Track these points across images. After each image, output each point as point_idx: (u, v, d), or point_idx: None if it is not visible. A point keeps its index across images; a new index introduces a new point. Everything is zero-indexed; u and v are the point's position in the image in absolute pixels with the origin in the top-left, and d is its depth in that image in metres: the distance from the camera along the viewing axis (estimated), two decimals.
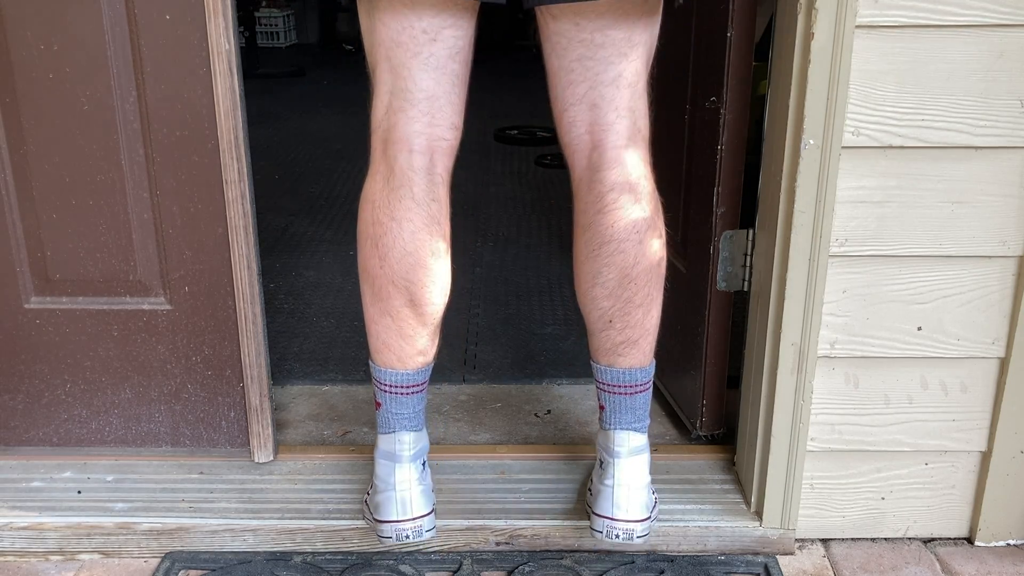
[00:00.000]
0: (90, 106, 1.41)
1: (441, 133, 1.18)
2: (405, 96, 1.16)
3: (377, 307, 1.24)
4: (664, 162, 1.69)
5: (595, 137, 1.18)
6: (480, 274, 2.58)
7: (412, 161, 1.18)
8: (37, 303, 1.52)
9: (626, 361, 1.27)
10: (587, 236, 1.21)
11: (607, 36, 1.13)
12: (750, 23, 1.40)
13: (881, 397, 1.39)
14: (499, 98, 5.21)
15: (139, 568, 1.43)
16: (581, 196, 1.22)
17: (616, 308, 1.23)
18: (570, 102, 1.18)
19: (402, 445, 1.29)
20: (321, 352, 2.09)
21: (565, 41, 1.14)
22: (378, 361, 1.28)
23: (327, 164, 3.88)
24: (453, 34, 1.14)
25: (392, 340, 1.25)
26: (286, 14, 7.63)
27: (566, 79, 1.17)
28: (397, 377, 1.27)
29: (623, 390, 1.28)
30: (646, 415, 1.31)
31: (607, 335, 1.26)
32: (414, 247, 1.19)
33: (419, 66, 1.14)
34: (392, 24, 1.13)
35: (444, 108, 1.17)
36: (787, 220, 1.30)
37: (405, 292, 1.21)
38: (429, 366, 1.30)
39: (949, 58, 1.22)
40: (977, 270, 1.32)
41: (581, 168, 1.21)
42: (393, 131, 1.18)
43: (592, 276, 1.22)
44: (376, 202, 1.20)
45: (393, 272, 1.20)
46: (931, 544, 1.47)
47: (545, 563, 1.41)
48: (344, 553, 1.44)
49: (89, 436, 1.60)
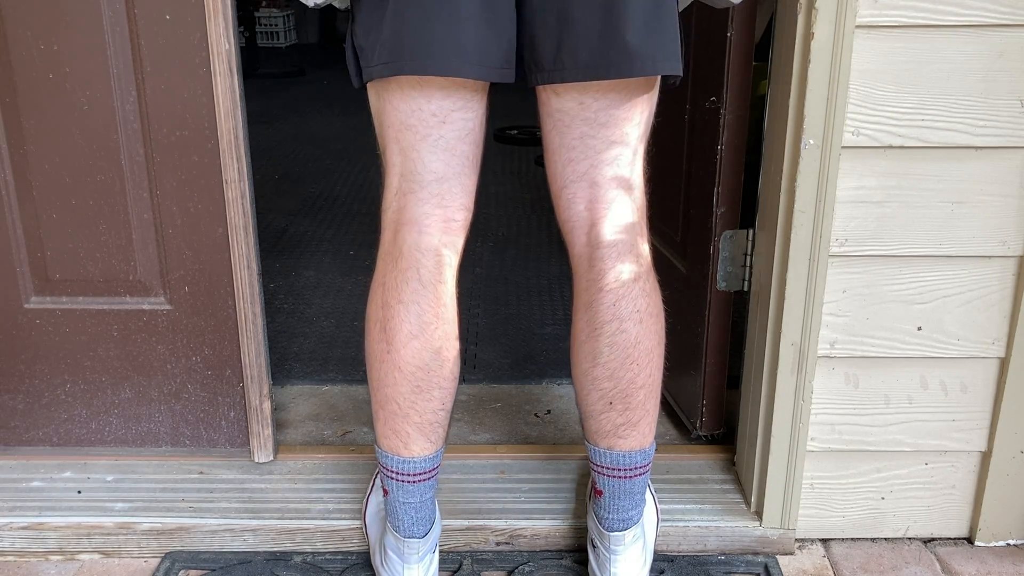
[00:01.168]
0: (90, 106, 1.41)
1: (452, 215, 1.16)
2: (414, 178, 1.14)
3: (383, 393, 1.20)
4: (664, 162, 1.69)
5: (594, 214, 1.16)
6: (480, 274, 2.58)
7: (420, 242, 1.15)
8: (37, 303, 1.53)
9: (627, 444, 1.22)
10: (588, 315, 1.18)
11: (610, 115, 1.11)
12: (750, 23, 1.40)
13: (881, 397, 1.39)
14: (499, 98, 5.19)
15: (139, 568, 1.43)
16: (581, 274, 1.19)
17: (618, 390, 1.19)
18: (570, 179, 1.16)
19: (411, 550, 1.25)
20: (321, 352, 2.09)
21: (568, 119, 1.13)
22: (384, 446, 1.23)
23: (327, 164, 3.88)
24: (463, 116, 1.12)
25: (399, 426, 1.21)
26: (286, 14, 7.63)
27: (567, 156, 1.15)
28: (404, 464, 1.22)
29: (623, 473, 1.23)
30: (643, 499, 1.27)
31: (607, 417, 1.21)
32: (420, 330, 1.16)
33: (428, 148, 1.13)
34: (401, 107, 1.12)
35: (454, 189, 1.16)
36: (787, 220, 1.30)
37: (411, 377, 1.18)
38: (439, 453, 1.25)
39: (949, 58, 1.22)
40: (977, 270, 1.32)
41: (581, 245, 1.18)
42: (403, 213, 1.16)
43: (592, 356, 1.19)
44: (387, 285, 1.17)
45: (399, 357, 1.17)
46: (931, 544, 1.47)
47: (545, 563, 1.41)
48: (344, 553, 1.44)
49: (89, 436, 1.60)
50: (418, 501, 1.24)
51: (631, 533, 1.25)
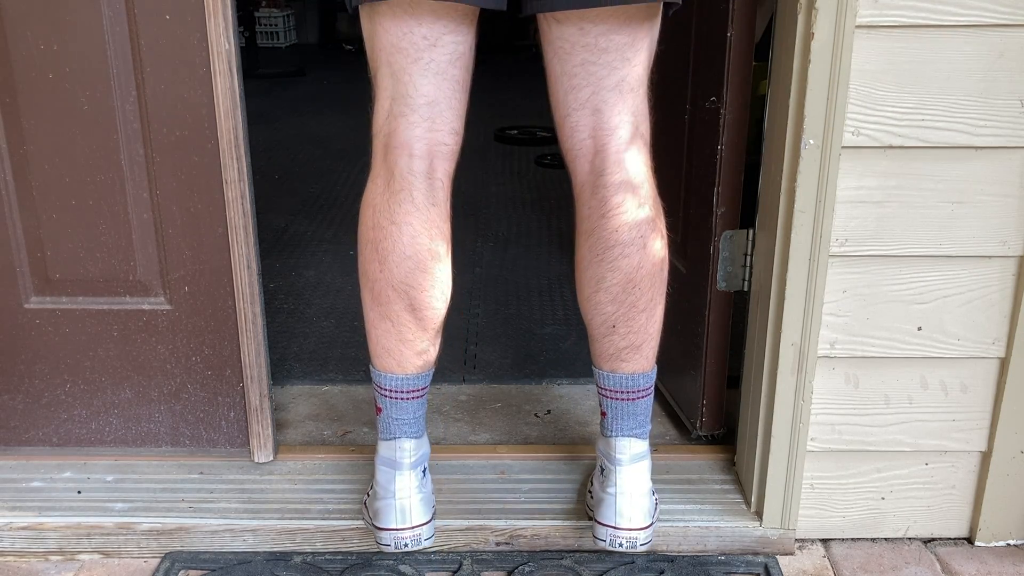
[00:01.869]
0: (90, 106, 1.41)
1: (442, 138, 1.18)
2: (406, 101, 1.16)
3: (377, 311, 1.23)
4: (664, 162, 1.69)
5: (598, 142, 1.18)
6: (480, 274, 2.58)
7: (412, 165, 1.18)
8: (37, 303, 1.52)
9: (629, 367, 1.26)
10: (591, 241, 1.21)
11: (611, 41, 1.12)
12: (750, 23, 1.40)
13: (881, 397, 1.39)
14: (499, 98, 5.21)
15: (139, 568, 1.43)
16: (584, 201, 1.21)
17: (620, 313, 1.22)
18: (573, 107, 1.17)
19: (403, 452, 1.28)
20: (321, 352, 2.09)
21: (568, 46, 1.14)
22: (378, 366, 1.27)
23: (327, 164, 3.88)
24: (453, 40, 1.13)
25: (392, 345, 1.25)
26: (286, 14, 7.64)
27: (568, 84, 1.16)
28: (397, 382, 1.27)
29: (626, 396, 1.27)
30: (647, 421, 1.31)
31: (610, 340, 1.25)
32: (414, 251, 1.19)
33: (419, 71, 1.14)
34: (393, 30, 1.13)
35: (445, 113, 1.17)
36: (787, 220, 1.30)
37: (405, 296, 1.21)
38: (430, 371, 1.29)
39: (949, 58, 1.22)
40: (977, 270, 1.32)
41: (584, 173, 1.20)
42: (394, 136, 1.18)
43: (596, 281, 1.22)
44: (377, 206, 1.20)
45: (393, 276, 1.20)
46: (931, 544, 1.47)
47: (545, 563, 1.41)
48: (344, 553, 1.44)
49: (89, 436, 1.60)
50: (411, 417, 1.28)
51: (637, 444, 1.28)
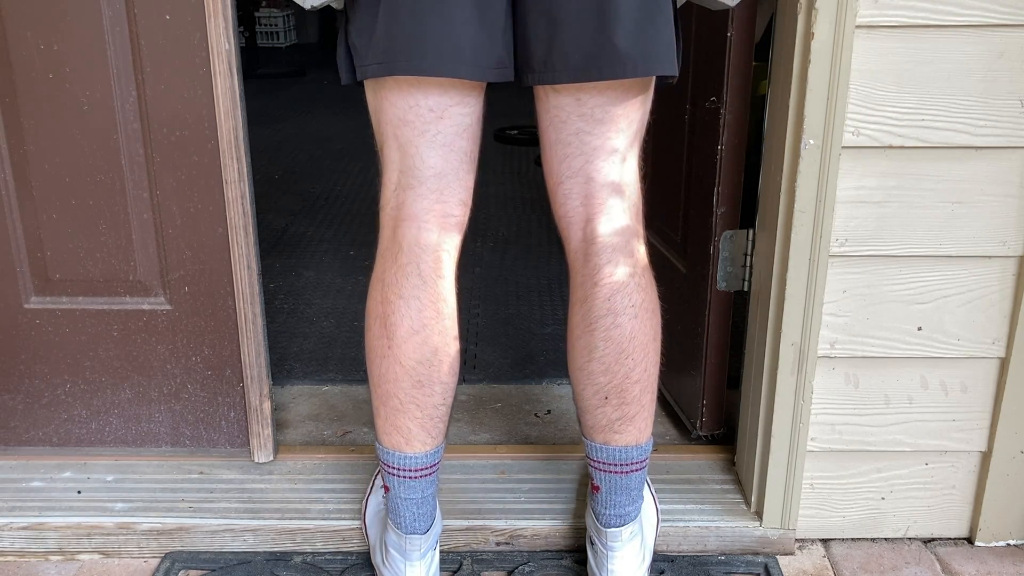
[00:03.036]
0: (90, 106, 1.41)
1: (450, 210, 1.17)
2: (413, 174, 1.15)
3: (384, 389, 1.20)
4: (664, 162, 1.69)
5: (590, 210, 1.17)
6: (480, 274, 2.58)
7: (420, 238, 1.16)
8: (37, 303, 1.53)
9: (623, 439, 1.23)
10: (584, 309, 1.19)
11: (607, 112, 1.12)
12: (750, 23, 1.40)
13: (881, 397, 1.39)
14: (499, 98, 5.20)
15: (139, 568, 1.43)
16: (577, 269, 1.20)
17: (613, 384, 1.20)
18: (566, 175, 1.17)
19: (412, 546, 1.25)
20: (321, 352, 2.09)
21: (564, 115, 1.13)
22: (385, 443, 1.23)
23: (327, 164, 3.88)
24: (460, 112, 1.13)
25: (400, 422, 1.21)
26: (286, 14, 7.64)
27: (563, 152, 1.15)
28: (405, 460, 1.22)
29: (619, 468, 1.24)
30: (640, 495, 1.28)
31: (603, 412, 1.22)
32: (421, 325, 1.16)
33: (426, 144, 1.13)
34: (399, 103, 1.12)
35: (452, 185, 1.16)
36: (787, 220, 1.30)
37: (413, 373, 1.18)
38: (440, 448, 1.25)
39: (949, 58, 1.22)
40: (977, 270, 1.32)
41: (576, 240, 1.19)
42: (402, 209, 1.16)
43: (588, 351, 1.20)
44: (386, 281, 1.17)
45: (400, 352, 1.17)
46: (931, 544, 1.47)
47: (545, 563, 1.41)
48: (344, 553, 1.44)
49: (89, 436, 1.60)
50: (419, 497, 1.24)
51: (628, 530, 1.25)
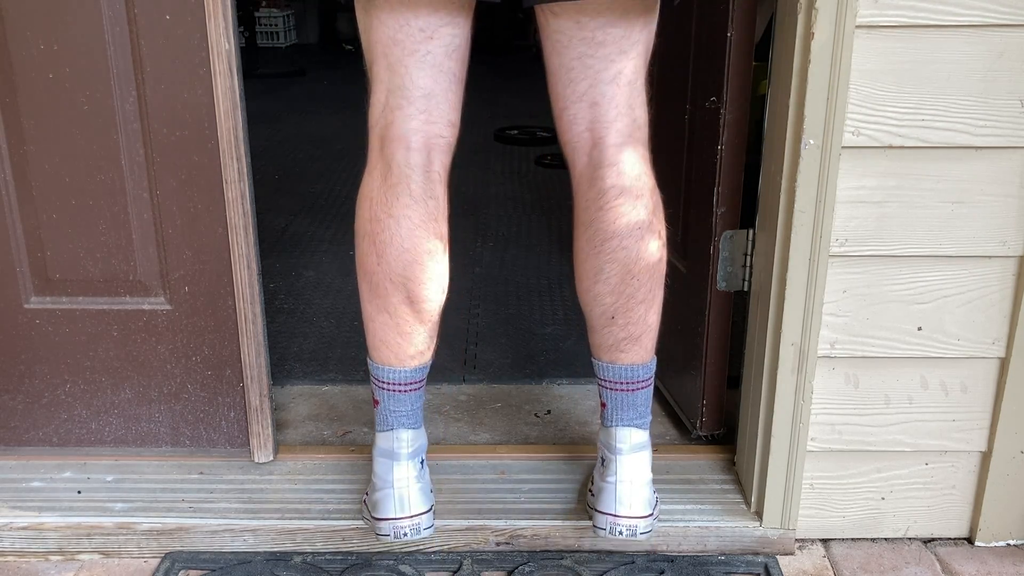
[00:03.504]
0: (90, 106, 1.41)
1: (438, 131, 1.19)
2: (402, 93, 1.16)
3: (374, 304, 1.24)
4: (664, 162, 1.69)
5: (595, 134, 1.18)
6: (480, 274, 2.58)
7: (409, 158, 1.18)
8: (37, 303, 1.52)
9: (628, 357, 1.27)
10: (589, 233, 1.22)
11: (608, 34, 1.13)
12: (750, 23, 1.40)
13: (881, 397, 1.39)
14: (499, 98, 5.21)
15: (139, 568, 1.43)
16: (582, 193, 1.22)
17: (619, 304, 1.23)
18: (571, 100, 1.18)
19: (400, 443, 1.29)
20: (321, 352, 2.09)
21: (566, 39, 1.14)
22: (376, 358, 1.28)
23: (327, 164, 3.88)
24: (450, 32, 1.14)
25: (390, 337, 1.25)
26: (286, 14, 7.63)
27: (566, 77, 1.17)
28: (395, 374, 1.27)
29: (625, 386, 1.28)
30: (648, 412, 1.31)
31: (609, 331, 1.26)
32: (411, 244, 1.19)
33: (416, 64, 1.14)
34: (389, 22, 1.13)
35: (441, 105, 1.18)
36: (787, 220, 1.30)
37: (402, 289, 1.21)
38: (427, 364, 1.30)
39: (949, 58, 1.22)
40: (977, 270, 1.32)
41: (582, 165, 1.21)
42: (390, 128, 1.18)
43: (594, 273, 1.22)
44: (374, 199, 1.20)
45: (390, 269, 1.20)
46: (931, 544, 1.47)
47: (545, 563, 1.41)
48: (344, 553, 1.44)
49: (89, 436, 1.60)
50: (408, 410, 1.28)
51: (637, 434, 1.29)
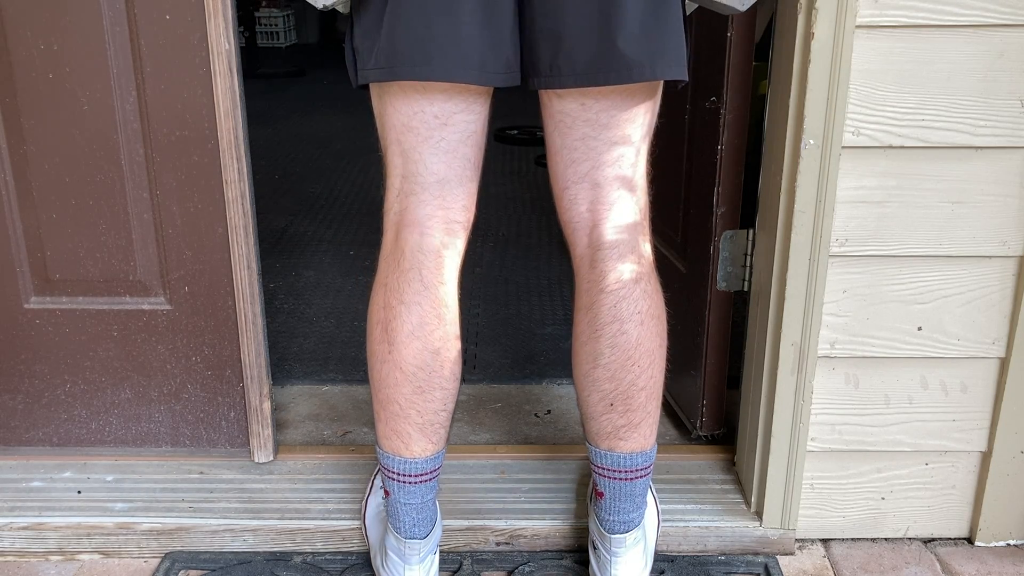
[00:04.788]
0: (90, 106, 1.41)
1: (453, 216, 1.17)
2: (416, 180, 1.15)
3: (384, 394, 1.20)
4: (664, 162, 1.69)
5: (596, 215, 1.16)
6: (480, 274, 2.58)
7: (422, 243, 1.16)
8: (37, 303, 1.52)
9: (627, 445, 1.22)
10: (589, 316, 1.18)
11: (612, 117, 1.11)
12: (750, 23, 1.40)
13: (881, 397, 1.39)
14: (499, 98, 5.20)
15: (139, 568, 1.43)
16: (583, 275, 1.19)
17: (618, 391, 1.19)
18: (572, 180, 1.16)
19: (412, 551, 1.25)
20: (321, 352, 2.09)
21: (569, 120, 1.13)
22: (385, 447, 1.23)
23: (327, 164, 3.88)
24: (465, 119, 1.12)
25: (400, 427, 1.21)
26: (286, 14, 7.64)
27: (568, 157, 1.15)
28: (405, 465, 1.22)
29: (624, 475, 1.24)
30: (644, 501, 1.28)
31: (608, 419, 1.21)
32: (421, 331, 1.16)
33: (430, 150, 1.13)
34: (403, 109, 1.11)
35: (456, 191, 1.16)
36: (787, 220, 1.30)
37: (413, 378, 1.18)
38: (440, 453, 1.25)
39: (949, 58, 1.22)
40: (977, 270, 1.32)
41: (583, 246, 1.19)
42: (405, 214, 1.16)
43: (593, 357, 1.19)
44: (388, 286, 1.17)
45: (401, 357, 1.17)
46: (931, 544, 1.47)
47: (545, 563, 1.41)
48: (344, 553, 1.44)
49: (89, 436, 1.60)
50: (419, 502, 1.24)
51: (632, 535, 1.25)
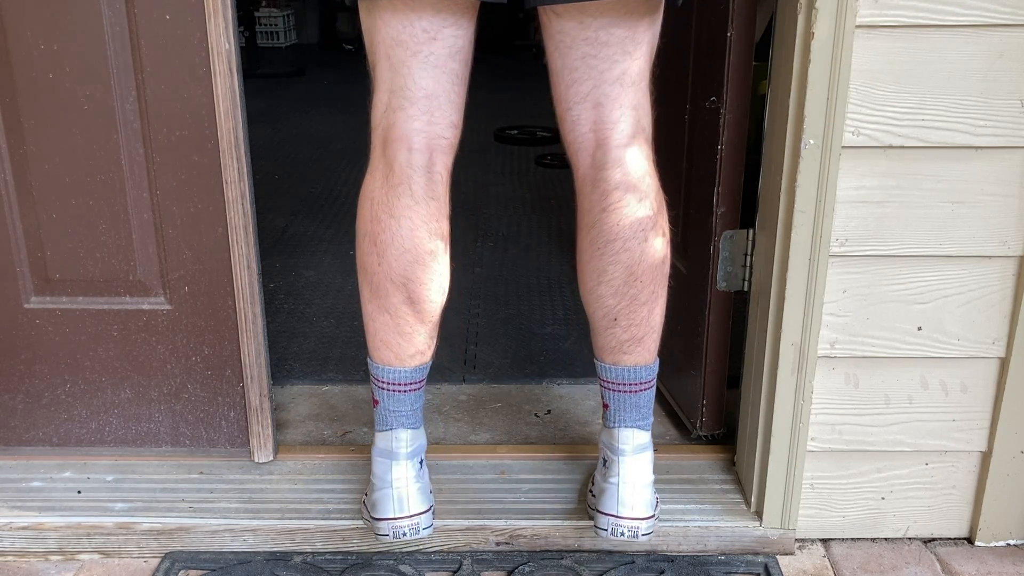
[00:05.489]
0: (90, 106, 1.41)
1: (440, 131, 1.18)
2: (404, 94, 1.16)
3: (375, 304, 1.24)
4: (664, 162, 1.69)
5: (599, 135, 1.18)
6: (480, 274, 2.57)
7: (411, 159, 1.18)
8: (37, 303, 1.52)
9: (631, 359, 1.27)
10: (592, 234, 1.21)
11: (611, 34, 1.12)
12: (750, 23, 1.40)
13: (881, 397, 1.39)
14: (499, 98, 5.21)
15: (139, 568, 1.43)
16: (585, 194, 1.22)
17: (622, 306, 1.23)
18: (574, 100, 1.18)
19: (399, 442, 1.29)
20: (321, 352, 2.09)
21: (569, 39, 1.14)
22: (376, 358, 1.28)
23: (327, 164, 3.88)
24: (453, 33, 1.14)
25: (390, 337, 1.25)
26: (286, 14, 7.63)
27: (570, 77, 1.16)
28: (395, 374, 1.27)
29: (628, 388, 1.28)
30: (650, 413, 1.32)
31: (612, 333, 1.26)
32: (412, 244, 1.19)
33: (419, 64, 1.14)
34: (392, 23, 1.13)
35: (443, 106, 1.17)
36: (787, 220, 1.30)
37: (403, 289, 1.21)
38: (427, 364, 1.30)
39: (949, 58, 1.22)
40: (977, 270, 1.32)
41: (585, 166, 1.21)
42: (392, 129, 1.18)
43: (597, 274, 1.22)
44: (375, 199, 1.20)
45: (391, 269, 1.20)
46: (931, 544, 1.47)
47: (545, 563, 1.41)
48: (344, 553, 1.44)
49: (89, 436, 1.60)
50: (408, 410, 1.28)
51: (640, 435, 1.29)
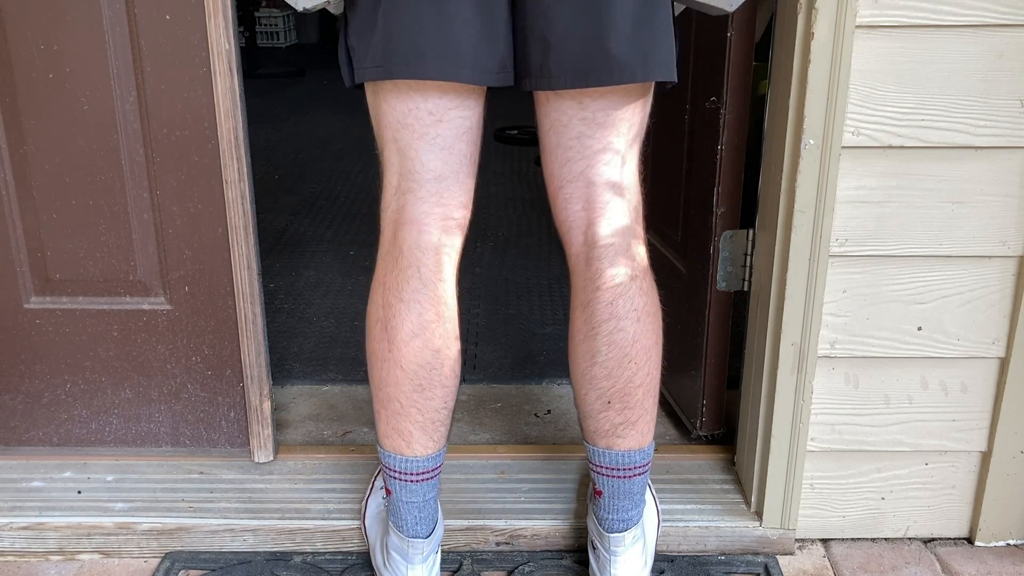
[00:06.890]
0: (90, 106, 1.41)
1: (450, 213, 1.17)
2: (413, 177, 1.15)
3: (385, 392, 1.20)
4: (664, 162, 1.69)
5: (592, 214, 1.16)
6: (480, 274, 2.58)
7: (420, 240, 1.16)
8: (37, 303, 1.53)
9: (625, 443, 1.22)
10: (586, 314, 1.19)
11: (608, 115, 1.12)
12: (750, 23, 1.40)
13: (881, 397, 1.39)
14: (499, 98, 5.20)
15: (139, 568, 1.43)
16: (579, 273, 1.20)
17: (616, 389, 1.19)
18: (567, 179, 1.16)
19: (415, 550, 1.25)
20: (321, 352, 2.09)
21: (566, 119, 1.13)
22: (386, 446, 1.23)
23: (327, 164, 3.88)
24: (460, 115, 1.12)
25: (401, 425, 1.21)
26: (286, 14, 7.64)
27: (563, 156, 1.15)
28: (406, 464, 1.22)
29: (621, 473, 1.23)
30: (643, 499, 1.28)
31: (605, 416, 1.21)
32: (421, 328, 1.16)
33: (426, 147, 1.13)
34: (398, 106, 1.11)
35: (452, 188, 1.16)
36: (787, 220, 1.30)
37: (413, 376, 1.18)
38: (442, 451, 1.25)
39: (949, 58, 1.22)
40: (977, 270, 1.32)
41: (578, 245, 1.19)
42: (403, 212, 1.16)
43: (591, 356, 1.19)
44: (387, 284, 1.17)
45: (401, 355, 1.17)
46: (931, 544, 1.47)
47: (545, 563, 1.41)
48: (344, 553, 1.44)
49: (89, 436, 1.60)
50: (421, 500, 1.24)
51: (631, 534, 1.25)
